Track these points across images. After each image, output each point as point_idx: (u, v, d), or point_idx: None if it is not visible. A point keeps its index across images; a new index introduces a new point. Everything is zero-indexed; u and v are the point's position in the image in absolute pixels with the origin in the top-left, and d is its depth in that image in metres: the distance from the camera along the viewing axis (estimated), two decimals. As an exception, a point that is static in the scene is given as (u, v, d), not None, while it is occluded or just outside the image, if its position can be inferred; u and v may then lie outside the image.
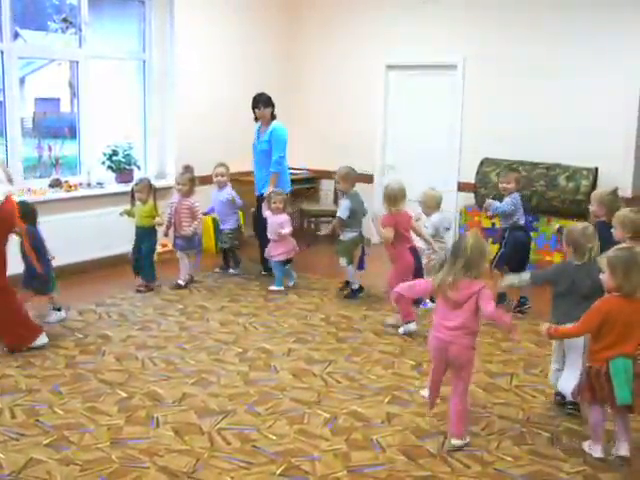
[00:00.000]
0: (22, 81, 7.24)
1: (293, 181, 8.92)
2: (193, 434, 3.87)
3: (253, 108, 7.16)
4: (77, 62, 7.31)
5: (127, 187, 6.93)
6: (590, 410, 3.77)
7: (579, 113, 7.45)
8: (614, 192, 5.27)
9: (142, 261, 6.57)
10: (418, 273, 5.67)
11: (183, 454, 3.65)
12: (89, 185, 7.33)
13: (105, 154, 7.52)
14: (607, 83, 7.28)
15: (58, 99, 9.18)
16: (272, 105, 7.14)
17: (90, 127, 7.46)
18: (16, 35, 6.86)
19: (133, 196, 6.54)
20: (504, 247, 6.16)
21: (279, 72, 9.31)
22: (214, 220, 7.01)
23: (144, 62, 7.97)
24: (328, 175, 9.20)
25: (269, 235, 6.77)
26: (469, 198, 8.03)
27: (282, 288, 6.74)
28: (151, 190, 6.57)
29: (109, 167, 7.52)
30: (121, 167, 7.57)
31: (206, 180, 7.26)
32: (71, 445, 3.72)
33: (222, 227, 7.08)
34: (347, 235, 6.47)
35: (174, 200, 6.86)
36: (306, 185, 9.28)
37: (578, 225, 4.26)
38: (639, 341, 3.60)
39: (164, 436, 3.84)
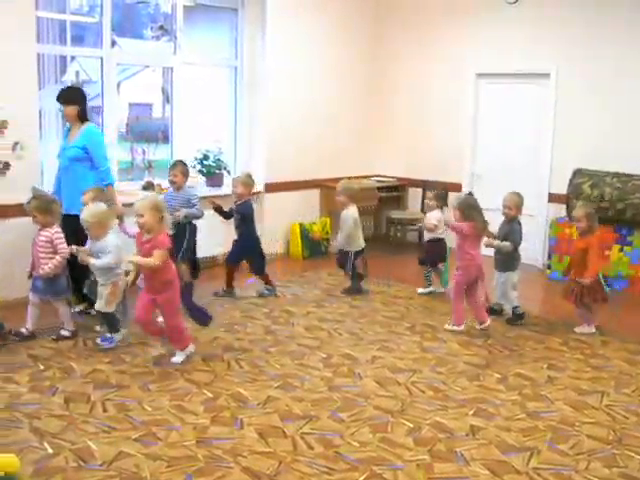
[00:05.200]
0: (117, 86, 7.50)
1: (379, 189, 8.86)
2: (276, 437, 3.90)
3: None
4: (171, 68, 7.52)
5: (217, 191, 7.05)
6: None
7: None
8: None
9: None
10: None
11: (266, 456, 3.69)
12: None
13: (196, 158, 7.69)
14: None
15: (151, 104, 9.48)
16: (79, 102, 5.78)
17: (182, 132, 7.65)
18: (113, 43, 7.11)
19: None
20: (188, 238, 6.20)
21: (369, 81, 9.31)
22: (301, 225, 7.06)
23: (235, 69, 8.12)
24: (415, 183, 9.15)
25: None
26: (560, 209, 7.83)
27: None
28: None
29: (199, 171, 7.69)
30: (211, 171, 7.72)
31: (294, 186, 7.33)
32: (158, 441, 3.81)
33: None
34: None
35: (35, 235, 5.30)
36: (393, 193, 9.25)
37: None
38: None
39: (248, 437, 3.88)
